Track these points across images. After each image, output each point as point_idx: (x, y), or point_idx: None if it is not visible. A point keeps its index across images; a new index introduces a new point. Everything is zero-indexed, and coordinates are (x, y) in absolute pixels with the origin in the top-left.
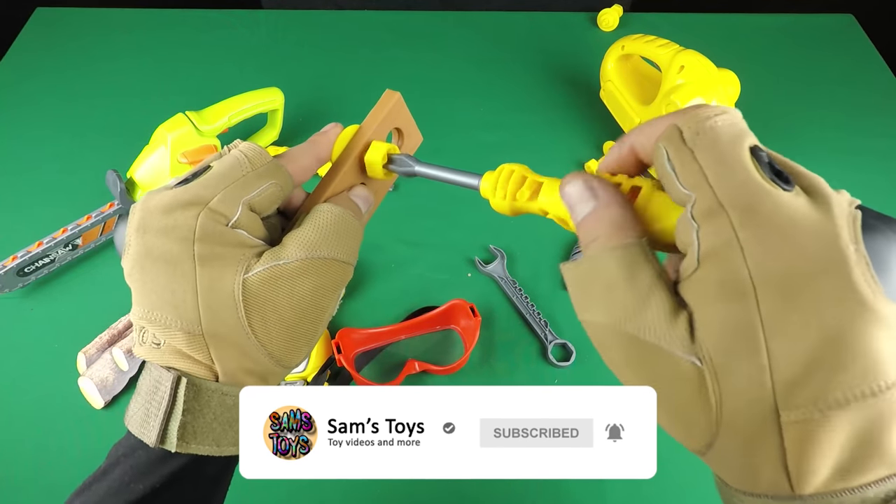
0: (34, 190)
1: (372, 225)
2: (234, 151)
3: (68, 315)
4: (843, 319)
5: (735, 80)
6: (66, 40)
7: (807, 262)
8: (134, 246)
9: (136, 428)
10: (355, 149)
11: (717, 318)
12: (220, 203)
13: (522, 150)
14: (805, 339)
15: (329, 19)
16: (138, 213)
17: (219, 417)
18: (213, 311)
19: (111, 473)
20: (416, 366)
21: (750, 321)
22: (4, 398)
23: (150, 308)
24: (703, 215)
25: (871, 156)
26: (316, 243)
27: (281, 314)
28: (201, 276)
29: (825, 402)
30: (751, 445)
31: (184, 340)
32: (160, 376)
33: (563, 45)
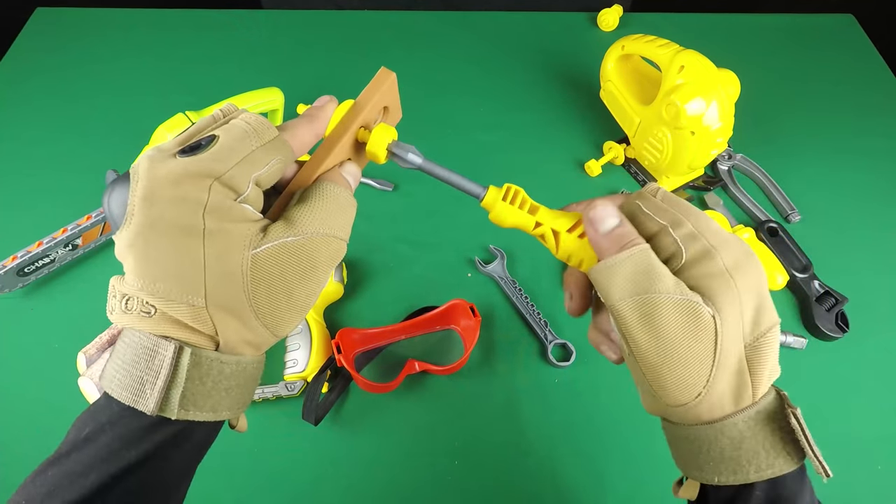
0: (34, 190)
1: (372, 225)
2: (239, 122)
3: (68, 315)
4: (761, 282)
5: (735, 80)
6: (66, 40)
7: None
8: (139, 216)
9: (128, 396)
10: (350, 125)
11: (720, 291)
12: (231, 178)
13: (522, 150)
14: (751, 296)
15: (329, 19)
16: (144, 180)
17: (217, 385)
18: (220, 284)
19: (95, 441)
20: (416, 366)
21: (733, 287)
22: (4, 398)
23: (151, 280)
24: (685, 237)
25: (871, 156)
26: (322, 221)
27: (284, 287)
28: (209, 250)
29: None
30: (733, 376)
31: (187, 312)
32: (155, 344)
33: (563, 45)
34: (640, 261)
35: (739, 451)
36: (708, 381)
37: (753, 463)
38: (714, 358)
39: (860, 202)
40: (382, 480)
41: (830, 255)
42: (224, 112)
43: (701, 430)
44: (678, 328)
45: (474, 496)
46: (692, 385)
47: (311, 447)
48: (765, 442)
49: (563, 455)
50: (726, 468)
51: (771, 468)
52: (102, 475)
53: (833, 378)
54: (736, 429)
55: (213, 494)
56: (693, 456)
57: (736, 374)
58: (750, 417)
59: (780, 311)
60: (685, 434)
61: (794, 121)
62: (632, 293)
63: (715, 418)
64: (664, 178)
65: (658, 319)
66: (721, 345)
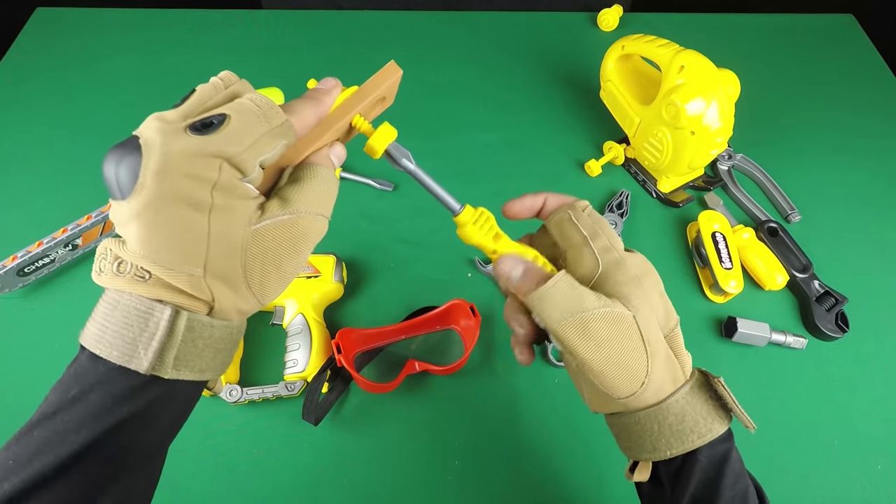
0: (34, 190)
1: (372, 225)
2: (248, 104)
3: (68, 315)
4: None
5: (735, 80)
6: (66, 40)
7: (643, 263)
8: (150, 188)
9: (119, 356)
10: (350, 111)
11: (632, 294)
12: (241, 161)
13: (522, 150)
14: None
15: (329, 19)
16: (158, 154)
17: (208, 346)
18: (221, 256)
19: (84, 400)
20: (416, 366)
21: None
22: (4, 398)
23: (155, 248)
24: (602, 249)
25: (872, 156)
26: (313, 202)
27: (275, 260)
28: (214, 225)
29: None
30: (665, 361)
31: (186, 282)
32: (150, 308)
33: (563, 45)
34: (565, 287)
35: (683, 423)
36: (647, 369)
37: (695, 431)
38: (645, 349)
39: (860, 202)
40: (382, 480)
41: (830, 255)
42: (224, 82)
43: (651, 412)
44: (610, 334)
45: (474, 496)
46: (636, 375)
47: (311, 447)
48: (701, 410)
49: (563, 455)
50: (675, 441)
51: (710, 432)
52: (95, 431)
53: (833, 378)
54: (678, 404)
55: (213, 494)
56: (644, 439)
57: (666, 359)
58: (687, 392)
59: (780, 311)
60: (636, 420)
61: (794, 121)
62: (566, 315)
63: (660, 399)
64: (664, 178)
65: (593, 332)
66: (646, 336)
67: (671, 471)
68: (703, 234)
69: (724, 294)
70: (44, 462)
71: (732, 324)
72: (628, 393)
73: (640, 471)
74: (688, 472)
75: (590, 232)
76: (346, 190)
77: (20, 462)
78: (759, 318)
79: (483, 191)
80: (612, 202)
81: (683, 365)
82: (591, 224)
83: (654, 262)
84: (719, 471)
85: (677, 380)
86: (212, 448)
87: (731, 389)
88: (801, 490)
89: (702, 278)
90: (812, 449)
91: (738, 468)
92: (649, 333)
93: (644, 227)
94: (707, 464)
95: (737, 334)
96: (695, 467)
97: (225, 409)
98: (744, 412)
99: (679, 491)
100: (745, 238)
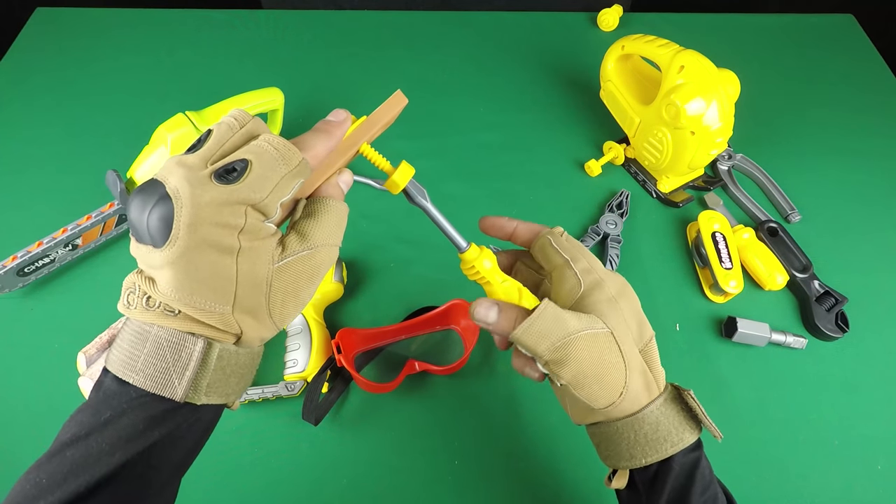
0: (34, 190)
1: (372, 225)
2: (267, 147)
3: (68, 315)
4: (637, 304)
5: (735, 80)
6: (66, 40)
7: (621, 283)
8: (183, 240)
9: (152, 384)
10: (358, 141)
11: (609, 314)
12: (264, 205)
13: (522, 150)
14: (633, 315)
15: (329, 19)
16: (189, 208)
17: (234, 373)
18: (247, 293)
19: (116, 423)
20: (416, 366)
21: (619, 309)
22: (4, 398)
23: (189, 292)
24: (583, 272)
25: (871, 156)
26: (328, 235)
27: (294, 290)
28: (241, 265)
29: (648, 343)
30: (641, 374)
31: (218, 319)
32: (182, 340)
33: (563, 45)
34: (548, 315)
35: (658, 432)
36: (625, 380)
37: (668, 440)
38: (623, 362)
39: (860, 202)
40: (382, 480)
41: (830, 255)
42: (238, 121)
43: (628, 421)
44: (592, 351)
45: (474, 496)
46: (615, 387)
47: (311, 447)
48: (674, 421)
49: (563, 455)
50: (651, 449)
51: (682, 441)
52: (129, 452)
53: (833, 378)
54: (653, 414)
55: (213, 494)
56: (622, 447)
57: (642, 373)
58: (661, 403)
59: (780, 311)
60: (615, 429)
61: (793, 121)
62: (554, 342)
63: (636, 409)
64: (664, 178)
65: (576, 353)
66: (623, 351)
67: (646, 478)
68: (703, 234)
69: (724, 294)
70: (79, 482)
71: (732, 324)
72: (608, 403)
73: (619, 478)
74: (662, 480)
75: (570, 255)
76: None
77: (54, 481)
78: (759, 318)
79: (483, 191)
80: (612, 202)
81: (657, 378)
82: (570, 248)
83: (654, 262)
84: (690, 477)
85: (652, 392)
86: (212, 448)
87: (731, 389)
88: (801, 490)
89: (702, 278)
90: (812, 449)
91: (707, 475)
92: (625, 347)
93: (644, 227)
94: (679, 471)
95: (737, 334)
96: (668, 475)
97: (225, 410)
98: (712, 423)
99: (654, 497)
100: (745, 238)
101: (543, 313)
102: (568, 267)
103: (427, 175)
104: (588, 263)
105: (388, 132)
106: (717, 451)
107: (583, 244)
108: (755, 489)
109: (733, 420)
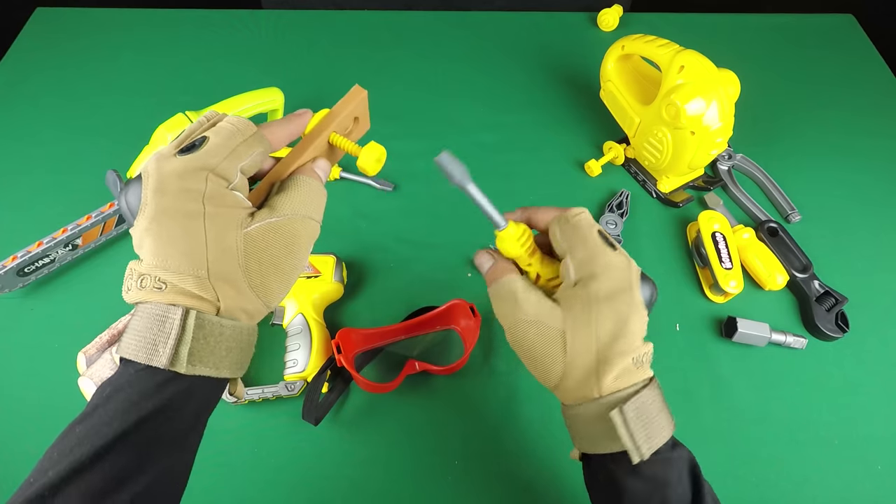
0: (34, 190)
1: (372, 225)
2: (224, 124)
3: (68, 315)
4: (629, 314)
5: (735, 80)
6: (66, 40)
7: (619, 286)
8: (151, 205)
9: (143, 356)
10: (324, 129)
11: (579, 312)
12: (223, 170)
13: (522, 150)
14: (612, 322)
15: (329, 19)
16: (154, 177)
17: (219, 344)
18: (219, 258)
19: (115, 398)
20: (416, 366)
21: (592, 315)
22: (4, 398)
23: (164, 258)
24: (578, 263)
25: (872, 156)
26: (299, 205)
27: (271, 260)
28: (209, 230)
29: (615, 353)
30: (588, 375)
31: (194, 283)
32: (166, 311)
33: (563, 45)
34: (507, 288)
35: (588, 429)
36: (559, 378)
37: (597, 443)
38: (564, 360)
39: (860, 202)
40: (382, 480)
41: (830, 255)
42: (208, 118)
43: (567, 408)
44: (533, 340)
45: (474, 496)
46: (549, 376)
47: (311, 447)
48: (604, 430)
49: (563, 455)
50: (585, 441)
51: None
52: (124, 423)
53: (833, 378)
54: (583, 412)
55: (213, 494)
56: (570, 429)
57: (584, 377)
58: (591, 407)
59: (780, 311)
60: (563, 410)
61: (794, 121)
62: (503, 312)
63: (572, 403)
64: (664, 178)
65: (519, 335)
66: (570, 351)
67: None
68: (703, 234)
69: (724, 294)
70: (82, 451)
71: (732, 324)
72: (547, 386)
73: (575, 452)
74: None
75: (570, 244)
76: (346, 190)
77: (63, 453)
78: (759, 318)
79: (483, 190)
80: (612, 202)
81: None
82: (573, 236)
83: (654, 262)
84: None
85: (588, 397)
86: (212, 448)
87: (731, 389)
88: (801, 490)
89: (702, 278)
90: (812, 449)
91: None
92: (575, 347)
93: (644, 227)
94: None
95: (737, 334)
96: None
97: (225, 409)
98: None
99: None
100: (745, 238)
101: (501, 286)
102: (566, 257)
103: (427, 175)
104: (588, 254)
105: (388, 133)
106: (717, 451)
107: (597, 225)
108: (755, 489)
109: (733, 420)
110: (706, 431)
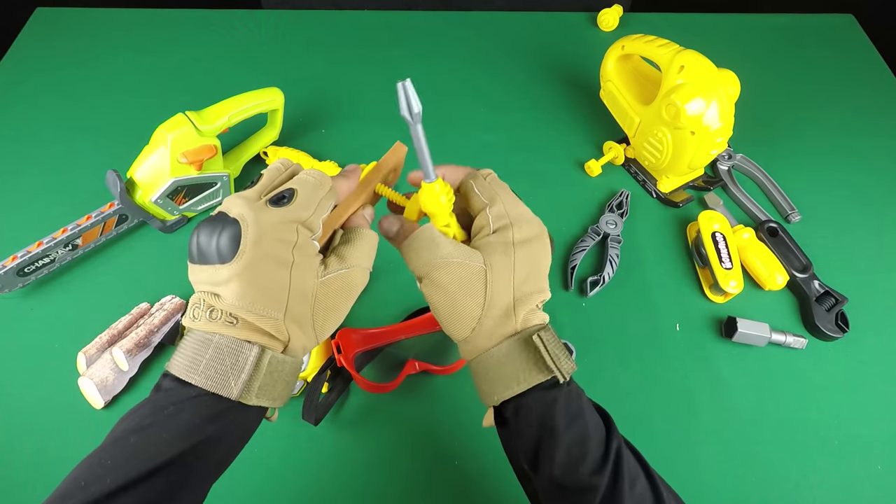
0: (34, 190)
1: (372, 225)
2: (307, 178)
3: (68, 315)
4: (540, 257)
5: (735, 80)
6: (66, 40)
7: (533, 232)
8: (249, 253)
9: (212, 384)
10: (372, 181)
11: (500, 255)
12: (310, 222)
13: (522, 150)
14: (528, 263)
15: (329, 19)
16: (253, 227)
17: (280, 379)
18: (297, 303)
19: (177, 417)
20: (416, 366)
21: (510, 256)
22: (4, 398)
23: (251, 301)
24: (497, 214)
25: (872, 156)
26: (361, 257)
27: (334, 305)
28: (293, 278)
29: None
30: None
31: (272, 325)
32: (239, 346)
33: (563, 45)
34: (424, 237)
35: (507, 369)
36: (480, 316)
37: (518, 378)
38: (484, 300)
39: (860, 202)
40: (382, 480)
41: (830, 255)
42: (284, 165)
43: (482, 358)
44: (453, 280)
45: (474, 496)
46: (468, 319)
47: (311, 447)
48: (525, 361)
49: None
50: (503, 386)
51: (528, 380)
52: (184, 444)
53: (833, 378)
54: (501, 352)
55: (212, 493)
56: (482, 386)
57: (504, 315)
58: (512, 342)
59: (780, 311)
60: (474, 367)
61: (794, 121)
62: (423, 262)
63: (488, 347)
64: (664, 178)
65: (438, 277)
66: (490, 289)
67: (509, 415)
68: (703, 234)
69: (724, 294)
70: (139, 466)
71: (732, 324)
72: (461, 336)
73: (488, 416)
74: (523, 417)
75: (488, 197)
76: None
77: (117, 462)
78: (759, 318)
79: None
80: (612, 202)
81: (519, 320)
82: (490, 190)
83: (654, 262)
84: (549, 415)
85: (506, 333)
86: None
87: (731, 389)
88: (801, 490)
89: (702, 278)
90: (812, 449)
91: (573, 410)
92: (495, 287)
93: (644, 227)
94: (537, 409)
95: (737, 334)
96: (528, 412)
97: None
98: (559, 363)
99: (518, 435)
100: (745, 238)
101: (420, 234)
102: (483, 210)
103: None
104: (504, 208)
105: (387, 133)
106: (717, 450)
107: (507, 185)
108: (755, 489)
109: (733, 420)
110: (706, 431)
